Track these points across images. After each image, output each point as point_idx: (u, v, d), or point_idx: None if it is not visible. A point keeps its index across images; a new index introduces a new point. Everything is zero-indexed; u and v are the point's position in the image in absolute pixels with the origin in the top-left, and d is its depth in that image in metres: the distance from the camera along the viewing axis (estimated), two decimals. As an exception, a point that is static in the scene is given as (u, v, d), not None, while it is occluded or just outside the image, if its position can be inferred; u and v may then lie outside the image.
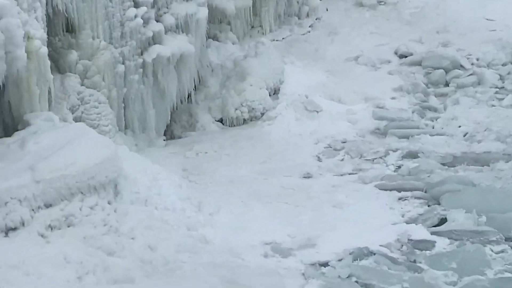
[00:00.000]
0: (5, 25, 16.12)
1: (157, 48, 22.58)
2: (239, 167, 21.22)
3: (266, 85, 25.04)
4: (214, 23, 27.04)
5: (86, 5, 20.62)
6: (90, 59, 21.15)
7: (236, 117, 24.62)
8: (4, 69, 16.45)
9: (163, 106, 23.74)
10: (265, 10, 28.87)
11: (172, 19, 22.98)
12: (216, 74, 25.78)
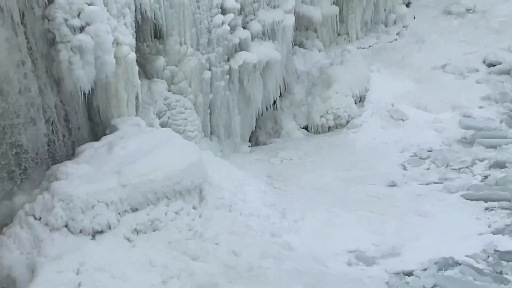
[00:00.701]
0: (95, 31, 16.26)
1: (244, 55, 22.53)
2: (323, 174, 21.01)
3: (351, 92, 24.79)
4: (300, 30, 26.94)
5: (174, 11, 20.68)
6: (177, 65, 21.23)
7: (321, 124, 24.42)
8: (93, 74, 16.60)
9: (248, 113, 23.71)
10: (352, 17, 28.61)
11: (259, 26, 22.89)
12: (301, 81, 25.64)
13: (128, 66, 17.91)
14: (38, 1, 15.79)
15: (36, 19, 16.00)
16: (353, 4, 28.31)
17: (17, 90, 15.95)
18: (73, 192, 15.20)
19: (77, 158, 16.54)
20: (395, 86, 25.61)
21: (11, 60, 15.65)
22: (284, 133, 24.57)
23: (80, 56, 16.24)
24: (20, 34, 15.76)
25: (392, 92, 25.17)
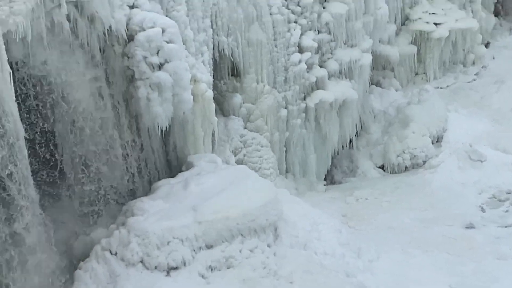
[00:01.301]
0: (174, 68, 16.31)
1: (320, 93, 22.45)
2: (399, 214, 20.64)
3: (429, 132, 24.41)
4: (377, 69, 26.73)
5: (252, 49, 20.73)
6: (254, 103, 21.21)
7: (397, 164, 24.08)
8: (171, 111, 16.63)
9: (324, 151, 23.53)
10: (430, 57, 28.26)
11: (335, 65, 22.80)
12: (378, 121, 25.39)
13: (206, 104, 17.92)
14: (119, 38, 15.95)
15: (116, 56, 16.14)
16: (431, 44, 27.97)
17: (97, 125, 16.09)
18: (149, 228, 15.19)
19: (154, 194, 16.56)
20: (473, 127, 25.13)
21: (91, 96, 15.80)
22: (360, 172, 24.30)
23: (158, 93, 16.27)
24: (100, 71, 15.93)
25: (470, 133, 24.69)
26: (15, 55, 13.96)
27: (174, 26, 16.41)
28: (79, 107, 15.56)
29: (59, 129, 15.31)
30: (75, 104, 15.37)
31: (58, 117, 15.26)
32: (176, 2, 17.75)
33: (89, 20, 15.17)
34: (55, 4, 14.26)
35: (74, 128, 15.66)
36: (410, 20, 27.73)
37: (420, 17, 27.75)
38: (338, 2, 22.68)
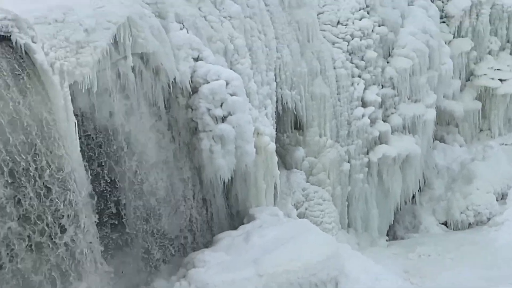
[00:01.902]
0: (237, 121, 16.23)
1: (383, 148, 22.20)
2: (463, 272, 20.07)
3: (493, 189, 23.90)
4: (441, 125, 26.38)
5: (315, 103, 20.66)
6: (317, 157, 21.05)
7: (461, 220, 23.60)
8: (234, 163, 16.52)
9: (386, 206, 23.18)
10: (495, 113, 27.79)
11: (399, 120, 22.56)
12: (441, 176, 24.99)
13: (268, 156, 17.76)
14: (183, 90, 15.95)
15: (180, 108, 16.13)
16: (496, 100, 27.53)
17: (159, 177, 16.00)
18: (209, 280, 14.97)
19: (215, 246, 16.37)
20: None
21: (155, 148, 15.77)
22: (422, 228, 23.86)
23: (221, 145, 16.19)
24: (164, 123, 15.93)
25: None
26: (81, 105, 14.02)
27: (238, 79, 16.38)
28: (142, 158, 15.50)
29: (122, 180, 15.27)
30: (138, 155, 15.33)
31: (122, 168, 15.22)
32: (240, 55, 17.76)
33: (154, 72, 15.24)
34: (121, 55, 14.37)
35: (137, 179, 15.58)
36: (475, 75, 27.40)
37: (485, 73, 27.38)
38: (402, 56, 22.51)
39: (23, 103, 12.62)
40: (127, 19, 14.38)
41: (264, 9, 19.13)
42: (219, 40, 17.21)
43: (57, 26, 13.41)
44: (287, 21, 19.99)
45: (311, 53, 20.65)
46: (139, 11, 15.03)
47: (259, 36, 18.71)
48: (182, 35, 16.08)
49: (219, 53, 17.11)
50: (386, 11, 22.53)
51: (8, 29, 12.79)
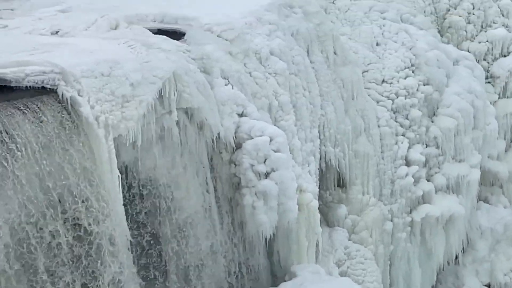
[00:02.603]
0: (280, 177, 16.03)
1: (427, 208, 21.91)
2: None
3: (538, 251, 23.40)
4: (485, 186, 25.97)
5: (359, 161, 20.47)
6: (359, 215, 20.78)
7: (504, 282, 23.14)
8: (276, 219, 16.27)
9: (429, 266, 22.75)
10: (540, 174, 27.32)
11: (443, 179, 22.29)
12: (485, 237, 24.51)
13: (311, 213, 17.53)
14: (226, 146, 15.84)
15: (223, 163, 16.02)
16: (542, 161, 27.10)
17: (202, 231, 15.80)
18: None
19: (255, 303, 16.10)
20: None
21: (197, 202, 15.59)
22: (465, 289, 23.39)
23: (264, 201, 15.98)
24: (208, 178, 15.78)
25: None
26: (124, 159, 13.92)
27: (282, 135, 16.25)
28: (185, 212, 15.32)
29: (164, 233, 15.12)
30: (180, 209, 15.16)
31: (164, 221, 15.07)
32: (284, 112, 17.66)
33: (198, 127, 15.16)
34: (166, 110, 14.31)
35: (179, 232, 15.41)
36: (519, 136, 27.03)
37: (531, 134, 27.04)
38: (447, 116, 22.32)
39: (68, 155, 12.58)
40: (173, 74, 14.34)
41: (309, 66, 19.09)
42: (263, 96, 17.15)
43: (103, 80, 13.40)
44: (332, 78, 19.90)
45: (355, 110, 20.51)
46: (185, 66, 15.02)
47: (303, 93, 18.62)
48: (227, 90, 16.01)
49: (263, 109, 17.03)
50: (431, 70, 22.40)
51: (55, 82, 12.86)
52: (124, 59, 14.14)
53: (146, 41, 15.58)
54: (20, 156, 11.97)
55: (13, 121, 12.14)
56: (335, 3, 22.59)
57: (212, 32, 17.06)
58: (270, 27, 18.25)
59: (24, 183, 12.04)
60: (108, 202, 13.06)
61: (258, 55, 17.62)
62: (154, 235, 15.08)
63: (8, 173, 11.87)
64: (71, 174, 12.61)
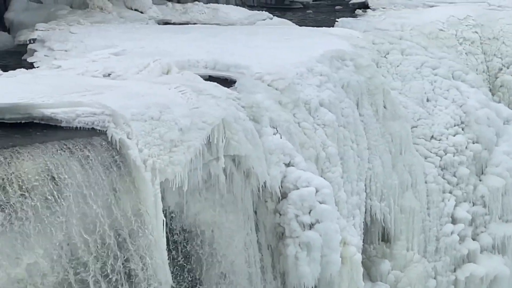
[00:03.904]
0: (325, 229, 15.72)
1: (471, 267, 21.41)
2: None
3: None
4: (532, 247, 25.34)
5: (404, 216, 20.11)
6: (403, 271, 20.35)
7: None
8: (318, 271, 15.92)
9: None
10: None
11: (488, 239, 21.83)
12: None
13: (354, 267, 17.12)
14: (272, 195, 15.62)
15: (268, 213, 15.77)
16: None
17: (244, 280, 15.45)
18: None
19: None
20: None
21: (241, 251, 15.31)
22: None
23: (307, 252, 15.67)
24: (251, 226, 15.55)
25: None
26: (170, 204, 13.76)
27: (328, 187, 15.99)
28: (227, 259, 15.06)
29: (205, 280, 14.89)
30: (223, 256, 14.91)
31: (207, 269, 14.84)
32: (332, 163, 17.44)
33: (245, 175, 14.98)
34: (213, 156, 14.19)
35: (221, 280, 15.12)
36: None
37: None
38: (495, 175, 21.92)
39: (115, 198, 12.50)
40: (222, 121, 14.24)
41: (358, 119, 18.89)
42: (311, 147, 16.94)
43: (152, 124, 13.34)
44: (381, 132, 19.66)
45: (403, 165, 20.20)
46: (234, 114, 14.93)
47: (351, 145, 18.39)
48: (275, 140, 15.85)
49: (310, 160, 16.81)
50: (481, 129, 22.05)
51: (105, 124, 12.86)
52: (174, 104, 14.08)
53: (197, 87, 15.53)
54: (67, 196, 11.87)
55: (62, 160, 12.08)
56: (387, 57, 22.36)
57: (263, 81, 16.99)
58: (321, 78, 18.13)
59: (69, 223, 11.91)
60: (151, 245, 12.87)
61: (308, 105, 17.46)
62: (195, 282, 14.84)
63: (54, 213, 11.77)
64: (117, 216, 12.48)
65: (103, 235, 12.32)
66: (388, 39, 22.98)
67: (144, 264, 12.82)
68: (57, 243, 11.76)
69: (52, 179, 11.80)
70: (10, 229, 11.29)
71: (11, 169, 11.58)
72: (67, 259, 11.91)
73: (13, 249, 11.29)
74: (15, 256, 11.32)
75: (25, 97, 13.68)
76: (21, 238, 11.39)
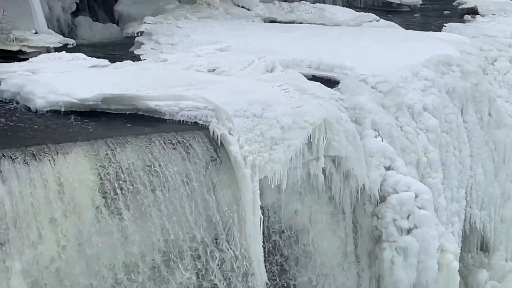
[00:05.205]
0: (422, 234, 15.29)
1: None
2: None
3: None
4: None
5: (504, 226, 19.46)
6: (500, 281, 19.70)
7: None
8: (414, 277, 15.49)
9: None
10: None
11: None
12: None
13: (450, 275, 16.61)
14: (370, 198, 15.27)
15: (366, 216, 15.42)
16: None
17: (339, 282, 15.29)
18: None
19: None
20: None
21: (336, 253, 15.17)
22: None
23: (403, 257, 15.26)
24: (348, 228, 15.33)
25: None
26: (267, 201, 13.67)
27: (428, 192, 15.56)
28: (323, 261, 14.90)
29: (300, 281, 14.75)
30: (319, 258, 14.77)
31: (301, 269, 14.71)
32: (432, 169, 16.96)
33: (344, 176, 14.74)
34: (313, 156, 14.01)
35: (316, 281, 14.91)
36: None
37: None
38: None
39: (212, 193, 12.60)
40: (323, 121, 14.03)
41: (462, 125, 18.32)
42: (413, 152, 16.50)
43: (254, 121, 13.26)
44: (484, 140, 19.03)
45: (505, 175, 19.54)
46: (336, 115, 14.68)
47: (453, 152, 17.86)
48: (377, 142, 15.49)
49: (411, 165, 16.37)
50: None
51: (208, 119, 12.92)
52: (276, 102, 13.96)
53: (300, 86, 15.35)
54: (170, 188, 12.08)
55: (164, 153, 12.20)
56: (494, 64, 21.60)
57: (367, 83, 16.65)
58: (426, 83, 17.66)
59: (169, 216, 12.11)
60: (248, 242, 12.92)
61: (411, 110, 17.02)
62: (289, 281, 14.68)
63: (155, 205, 11.97)
64: (214, 211, 12.60)
65: (199, 229, 12.41)
66: (497, 46, 22.21)
67: (239, 260, 12.81)
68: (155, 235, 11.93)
69: (154, 171, 11.97)
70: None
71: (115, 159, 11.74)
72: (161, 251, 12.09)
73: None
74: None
75: (131, 89, 13.83)
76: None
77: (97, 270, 11.60)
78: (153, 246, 12.02)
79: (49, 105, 13.41)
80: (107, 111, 13.38)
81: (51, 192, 11.20)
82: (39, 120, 13.08)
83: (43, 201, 11.15)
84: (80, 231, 11.41)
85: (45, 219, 11.16)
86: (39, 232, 11.09)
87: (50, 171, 11.25)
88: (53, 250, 11.19)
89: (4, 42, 18.23)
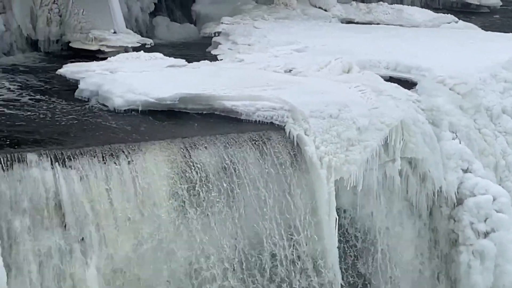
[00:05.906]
0: (500, 238, 14.94)
1: None
2: None
3: None
4: None
5: None
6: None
7: None
8: (491, 281, 15.07)
9: None
10: None
11: None
12: None
13: (527, 280, 16.21)
14: (447, 200, 15.00)
15: (442, 218, 15.16)
16: None
17: (414, 285, 15.06)
18: None
19: None
20: None
21: (412, 255, 14.94)
22: None
23: (480, 261, 14.94)
24: (424, 230, 15.10)
25: None
26: (342, 202, 13.56)
27: (506, 196, 15.18)
28: (398, 263, 14.67)
29: (374, 283, 14.55)
30: (394, 259, 14.54)
31: (376, 270, 14.48)
32: (511, 172, 16.53)
33: (421, 179, 14.55)
34: (389, 158, 13.90)
35: (391, 283, 14.67)
36: None
37: None
38: None
39: (287, 193, 12.55)
40: (400, 123, 13.88)
41: (542, 128, 17.85)
42: (491, 155, 16.13)
43: (330, 122, 13.16)
44: None
45: None
46: (413, 116, 14.47)
47: (533, 155, 17.40)
48: (454, 145, 15.21)
49: (489, 168, 16.02)
50: None
51: (284, 119, 12.88)
52: (353, 103, 13.84)
53: (377, 87, 15.15)
54: (245, 188, 12.12)
55: (240, 153, 12.27)
56: None
57: (444, 84, 16.32)
58: (505, 85, 17.20)
59: (245, 215, 12.20)
60: (322, 243, 12.85)
61: (490, 112, 16.64)
62: (364, 283, 14.51)
63: (232, 204, 12.04)
64: (289, 211, 12.55)
65: (274, 229, 12.39)
66: None
67: (314, 261, 12.77)
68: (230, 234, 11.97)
69: (230, 171, 12.04)
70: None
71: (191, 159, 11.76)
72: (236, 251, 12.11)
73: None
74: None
75: (208, 89, 13.86)
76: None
77: (173, 269, 11.65)
78: (228, 246, 12.01)
79: (127, 104, 13.55)
80: (184, 111, 13.44)
81: (128, 190, 11.27)
82: (116, 118, 13.24)
83: (120, 200, 11.23)
84: (156, 230, 11.46)
85: (122, 217, 11.24)
86: (116, 230, 11.15)
87: (127, 170, 11.31)
88: (129, 248, 11.27)
89: (83, 41, 18.54)
